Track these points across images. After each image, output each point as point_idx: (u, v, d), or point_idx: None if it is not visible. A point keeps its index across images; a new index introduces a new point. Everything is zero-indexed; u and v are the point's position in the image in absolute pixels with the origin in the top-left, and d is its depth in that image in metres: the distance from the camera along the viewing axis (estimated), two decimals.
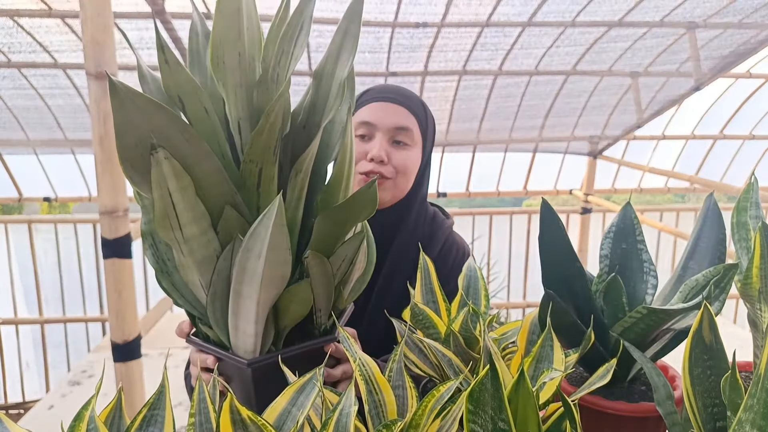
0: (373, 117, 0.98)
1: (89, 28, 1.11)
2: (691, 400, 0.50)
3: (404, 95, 1.01)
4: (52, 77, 2.42)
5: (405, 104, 0.99)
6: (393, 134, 0.98)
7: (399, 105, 0.99)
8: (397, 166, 0.98)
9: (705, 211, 0.72)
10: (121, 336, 1.27)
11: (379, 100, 0.99)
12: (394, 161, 0.97)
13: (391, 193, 0.99)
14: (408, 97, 1.01)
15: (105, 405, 0.52)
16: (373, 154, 0.96)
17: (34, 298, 3.22)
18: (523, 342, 0.68)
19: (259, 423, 0.42)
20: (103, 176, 1.19)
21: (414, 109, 1.00)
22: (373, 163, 0.96)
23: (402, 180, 0.99)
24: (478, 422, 0.43)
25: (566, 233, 0.66)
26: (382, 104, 0.99)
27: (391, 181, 0.98)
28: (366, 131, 0.99)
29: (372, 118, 0.98)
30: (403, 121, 0.98)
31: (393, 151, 0.98)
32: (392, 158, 0.97)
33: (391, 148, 0.98)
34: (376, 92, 1.01)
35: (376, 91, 1.02)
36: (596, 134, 3.01)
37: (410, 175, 1.00)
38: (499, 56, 2.35)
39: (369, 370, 0.55)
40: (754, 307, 0.57)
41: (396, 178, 0.98)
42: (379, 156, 0.95)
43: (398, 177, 0.98)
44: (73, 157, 3.12)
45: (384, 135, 0.98)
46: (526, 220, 3.42)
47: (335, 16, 2.03)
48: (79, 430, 0.46)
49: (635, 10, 2.08)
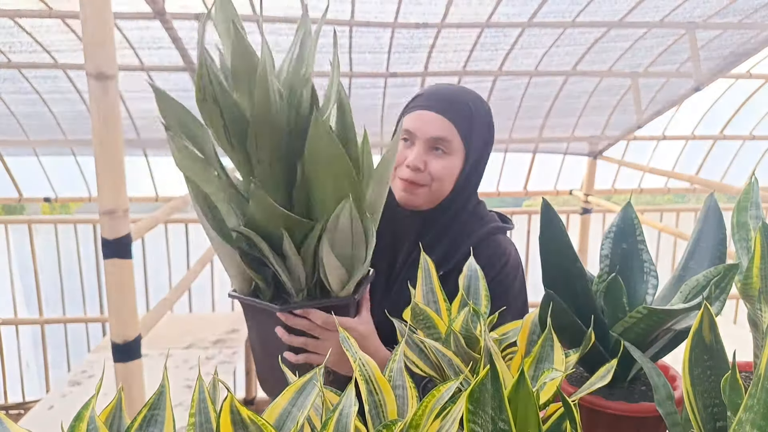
0: (413, 126, 1.05)
1: (89, 28, 1.10)
2: (691, 400, 0.50)
3: (447, 102, 1.05)
4: (53, 78, 2.42)
5: (445, 113, 1.04)
6: (431, 143, 1.04)
7: (440, 114, 1.03)
8: (433, 174, 1.04)
9: (705, 211, 0.72)
10: (122, 336, 1.27)
11: (423, 108, 1.05)
12: (430, 169, 1.03)
13: (426, 198, 1.05)
14: (451, 104, 1.05)
15: (105, 405, 0.52)
16: (409, 161, 1.03)
17: (34, 298, 3.22)
18: (524, 342, 0.68)
19: (260, 423, 0.42)
20: (104, 176, 1.19)
21: (454, 117, 1.04)
22: (410, 171, 1.03)
23: (437, 186, 1.04)
24: (478, 422, 0.43)
25: (566, 233, 0.66)
26: (423, 113, 1.04)
27: (426, 188, 1.04)
28: (408, 138, 1.06)
29: (412, 126, 1.05)
30: (440, 132, 1.03)
31: (430, 160, 1.04)
32: (429, 166, 1.04)
33: (428, 156, 1.04)
34: (422, 99, 1.07)
35: (422, 98, 1.07)
36: (596, 134, 3.01)
37: (446, 181, 1.05)
38: (499, 56, 2.35)
39: (369, 370, 0.55)
40: (754, 307, 0.57)
41: (431, 184, 1.04)
42: (414, 165, 1.02)
43: (433, 184, 1.04)
44: (73, 158, 3.12)
45: (422, 144, 1.04)
46: (526, 220, 3.42)
47: (335, 17, 2.04)
48: (79, 430, 0.46)
49: (635, 11, 2.08)
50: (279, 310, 0.81)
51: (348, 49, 2.21)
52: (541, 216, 0.66)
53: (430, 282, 0.79)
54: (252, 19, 1.98)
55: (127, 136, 2.67)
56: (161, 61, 2.27)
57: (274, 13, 1.99)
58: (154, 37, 2.12)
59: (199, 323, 2.72)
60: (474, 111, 1.08)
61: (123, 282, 1.26)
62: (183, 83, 2.41)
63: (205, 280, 3.25)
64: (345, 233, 0.81)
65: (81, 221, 3.23)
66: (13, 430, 0.45)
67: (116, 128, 1.06)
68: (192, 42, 2.02)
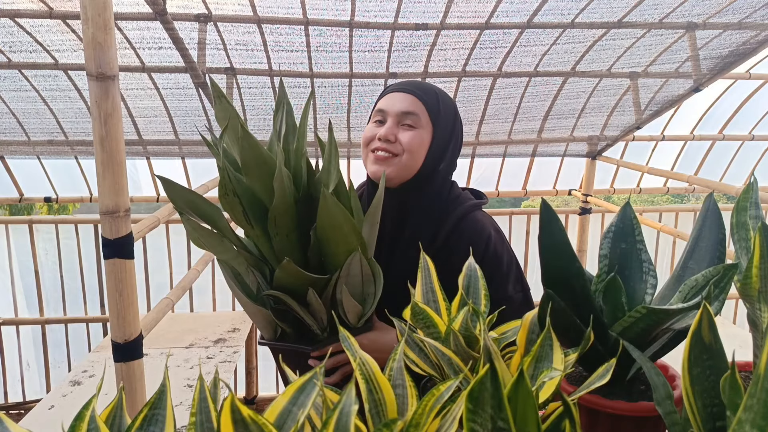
0: (385, 105, 1.15)
1: (90, 29, 1.10)
2: (691, 400, 0.50)
3: (415, 85, 1.17)
4: (53, 78, 2.42)
5: (413, 92, 1.15)
6: (401, 118, 1.14)
7: (407, 93, 1.14)
8: (403, 143, 1.12)
9: (705, 211, 0.72)
10: (122, 336, 1.27)
11: (392, 91, 1.17)
12: (400, 140, 1.13)
13: (397, 169, 1.13)
14: (419, 87, 1.16)
15: (106, 405, 0.52)
16: (380, 134, 1.13)
17: (34, 298, 3.22)
18: (523, 341, 0.68)
19: (260, 422, 0.42)
20: (104, 176, 1.19)
21: (422, 96, 1.14)
22: (381, 141, 1.13)
23: (408, 158, 1.13)
24: (478, 421, 0.43)
25: (566, 233, 0.66)
26: (394, 94, 1.16)
27: (397, 158, 1.13)
28: (381, 117, 1.16)
29: (384, 105, 1.15)
30: (410, 106, 1.13)
31: (401, 132, 1.13)
32: (399, 137, 1.13)
33: (398, 129, 1.14)
34: (393, 86, 1.19)
35: (393, 85, 1.20)
36: (595, 135, 3.01)
37: (416, 153, 1.13)
38: (499, 55, 2.35)
39: (369, 369, 0.55)
40: (754, 307, 0.58)
41: (402, 155, 1.13)
42: (385, 135, 1.12)
43: (404, 154, 1.12)
44: (74, 158, 3.13)
45: (393, 119, 1.14)
46: (525, 220, 3.42)
47: (336, 17, 2.04)
48: (80, 429, 0.46)
49: (635, 11, 2.08)
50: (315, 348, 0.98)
51: (348, 48, 2.21)
52: (540, 216, 0.66)
53: (429, 281, 0.79)
54: (252, 19, 1.98)
55: (128, 136, 2.67)
56: (162, 61, 2.28)
57: (275, 13, 1.99)
58: (154, 37, 2.12)
59: (200, 323, 2.73)
60: (440, 95, 1.18)
61: (124, 282, 1.26)
62: (183, 83, 2.41)
63: (206, 280, 3.25)
64: (356, 277, 0.98)
65: (82, 221, 3.23)
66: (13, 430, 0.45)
67: (117, 128, 1.06)
68: (192, 42, 2.02)
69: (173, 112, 2.59)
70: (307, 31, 2.08)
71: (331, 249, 0.94)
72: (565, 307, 0.64)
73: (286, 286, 0.94)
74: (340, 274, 0.96)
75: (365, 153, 1.18)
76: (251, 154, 0.88)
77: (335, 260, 0.96)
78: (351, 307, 0.99)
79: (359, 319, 1.02)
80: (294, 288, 0.94)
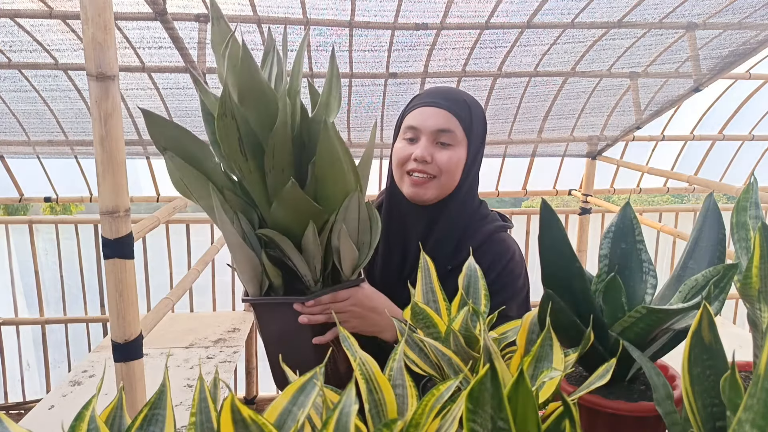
0: (417, 121, 1.08)
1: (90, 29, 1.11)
2: (691, 400, 0.50)
3: (447, 98, 1.09)
4: (53, 78, 2.42)
5: (447, 107, 1.08)
6: (436, 136, 1.07)
7: (441, 108, 1.07)
8: (441, 165, 1.07)
9: (705, 211, 0.72)
10: (122, 336, 1.27)
11: (424, 105, 1.09)
12: (437, 160, 1.07)
13: (436, 191, 1.09)
14: (451, 100, 1.09)
15: (106, 405, 0.52)
16: (416, 154, 1.07)
17: (34, 298, 3.21)
18: (523, 341, 0.68)
19: (260, 422, 0.42)
20: (104, 176, 1.19)
21: (456, 111, 1.08)
22: (417, 163, 1.07)
23: (446, 178, 1.08)
24: (478, 421, 0.43)
25: (566, 233, 0.66)
26: (426, 109, 1.08)
27: (435, 180, 1.08)
28: (413, 134, 1.09)
29: (416, 122, 1.08)
30: (445, 123, 1.07)
31: (436, 152, 1.07)
32: (436, 158, 1.07)
33: (434, 148, 1.07)
34: (423, 97, 1.12)
35: (422, 96, 1.12)
36: (595, 135, 3.01)
37: (454, 173, 1.09)
38: (499, 55, 2.35)
39: (369, 369, 0.55)
40: (754, 307, 0.58)
41: (440, 176, 1.08)
42: (422, 156, 1.06)
43: (442, 175, 1.08)
44: (74, 158, 3.13)
45: (428, 137, 1.07)
46: (525, 220, 3.42)
47: (336, 17, 2.04)
48: (80, 429, 0.46)
49: (635, 11, 2.08)
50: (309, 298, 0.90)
51: (348, 48, 2.21)
52: (540, 216, 0.66)
53: (429, 281, 0.79)
54: (252, 20, 1.98)
55: (128, 136, 2.67)
56: (162, 61, 2.28)
57: (275, 14, 1.99)
58: (154, 37, 2.12)
59: (200, 323, 2.73)
60: (471, 105, 1.12)
61: (124, 282, 1.26)
62: (183, 83, 2.41)
63: (206, 280, 3.25)
64: (353, 222, 0.91)
65: (82, 221, 3.23)
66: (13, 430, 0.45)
67: (117, 128, 1.06)
68: (192, 42, 2.02)
69: (173, 112, 2.59)
70: (307, 31, 2.08)
71: (329, 188, 0.87)
72: (565, 307, 0.64)
73: (283, 223, 0.86)
74: (336, 217, 0.89)
75: (399, 173, 1.11)
76: (250, 80, 0.80)
77: (332, 202, 0.89)
78: (348, 253, 0.91)
79: (353, 270, 0.95)
80: (291, 226, 0.86)
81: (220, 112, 0.79)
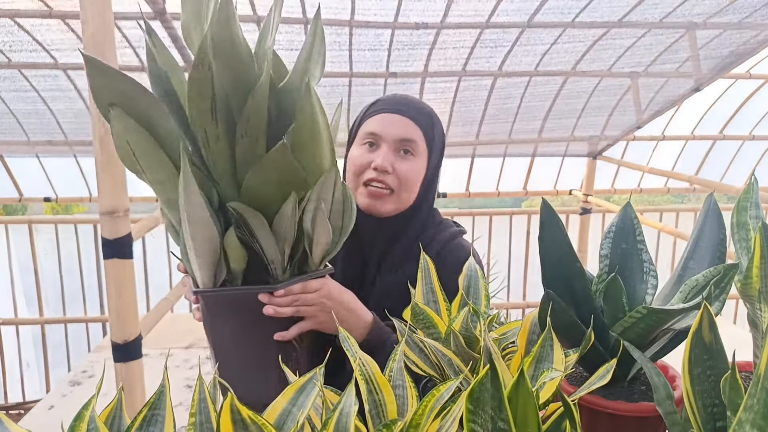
0: (379, 128, 1.01)
1: (89, 28, 1.11)
2: (691, 400, 0.50)
3: (411, 107, 1.04)
4: (53, 78, 2.42)
5: (411, 116, 1.02)
6: (398, 145, 1.01)
7: (405, 117, 1.01)
8: (401, 176, 1.00)
9: (705, 211, 0.72)
10: (122, 336, 1.27)
11: (386, 112, 1.02)
12: (398, 171, 1.00)
13: (394, 205, 1.02)
14: (415, 109, 1.03)
15: (105, 405, 0.52)
16: (376, 163, 0.99)
17: (34, 298, 3.22)
18: (523, 342, 0.68)
19: (260, 423, 0.42)
20: (104, 176, 1.19)
21: (420, 121, 1.02)
22: (377, 172, 0.99)
23: (405, 191, 1.01)
24: (478, 422, 0.43)
25: (566, 233, 0.66)
26: (389, 116, 1.02)
27: (394, 195, 1.01)
28: (373, 140, 1.02)
29: (378, 129, 1.01)
30: (408, 132, 1.01)
31: (397, 162, 1.00)
32: (396, 168, 1.00)
33: (395, 158, 1.01)
34: (385, 103, 1.04)
35: (384, 102, 1.05)
36: (596, 135, 3.01)
37: (413, 185, 1.02)
38: (499, 54, 2.35)
39: (369, 370, 0.55)
40: (754, 307, 0.58)
41: (399, 188, 1.01)
42: (382, 166, 0.98)
43: (401, 188, 1.01)
44: (73, 158, 3.13)
45: (389, 146, 1.00)
46: (525, 220, 3.42)
47: (335, 16, 2.04)
48: (80, 430, 0.46)
49: (635, 10, 2.08)
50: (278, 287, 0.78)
51: (348, 47, 2.21)
52: (540, 216, 0.66)
53: (429, 282, 0.79)
54: (252, 19, 1.98)
55: None
56: None
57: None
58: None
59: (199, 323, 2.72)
60: (433, 117, 1.07)
61: (123, 282, 1.27)
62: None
63: None
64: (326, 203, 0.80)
65: (81, 221, 3.23)
66: (13, 430, 0.45)
67: None
68: None
69: None
70: (307, 31, 2.08)
71: (306, 161, 0.76)
72: (565, 307, 0.64)
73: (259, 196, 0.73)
74: (311, 195, 0.78)
75: (355, 182, 1.03)
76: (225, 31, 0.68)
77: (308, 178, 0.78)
78: (323, 237, 0.79)
79: (322, 258, 0.84)
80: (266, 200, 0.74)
81: (197, 61, 0.66)
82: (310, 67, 0.78)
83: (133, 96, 0.69)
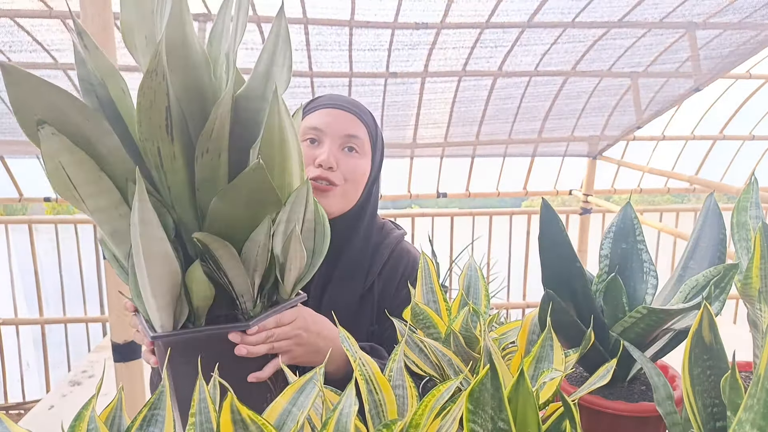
0: (322, 123, 0.97)
1: (89, 28, 1.11)
2: (691, 400, 0.50)
3: (355, 105, 1.01)
4: (53, 78, 2.42)
5: (356, 113, 0.99)
6: (343, 141, 0.97)
7: (349, 113, 0.98)
8: (346, 173, 0.96)
9: (705, 211, 0.72)
10: (122, 336, 1.27)
11: (329, 107, 0.98)
12: (343, 168, 0.96)
13: (340, 202, 0.97)
14: (359, 108, 1.01)
15: (105, 405, 0.52)
16: (321, 159, 0.94)
17: (34, 298, 3.22)
18: (523, 342, 0.68)
19: (260, 422, 0.42)
20: None
21: (365, 119, 1.00)
22: (321, 169, 0.94)
23: (351, 188, 0.98)
24: (478, 422, 0.43)
25: (566, 233, 0.66)
26: (332, 111, 0.98)
27: (339, 189, 0.96)
28: (315, 136, 0.97)
29: (321, 124, 0.97)
30: (354, 129, 0.98)
31: (342, 158, 0.96)
32: (341, 165, 0.96)
33: (340, 154, 0.97)
34: (327, 100, 1.01)
35: (327, 98, 1.01)
36: (596, 135, 3.01)
37: (359, 183, 0.99)
38: (499, 54, 2.35)
39: (369, 370, 0.55)
40: (754, 307, 0.58)
41: (345, 185, 0.97)
42: (327, 162, 0.94)
43: (347, 185, 0.97)
44: None
45: (333, 142, 0.96)
46: (525, 220, 3.42)
47: (335, 16, 2.04)
48: (80, 430, 0.46)
49: (635, 10, 2.08)
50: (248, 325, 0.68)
51: (348, 47, 2.21)
52: (540, 216, 0.66)
53: (429, 281, 0.79)
54: (252, 19, 1.98)
55: None
56: None
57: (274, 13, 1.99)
58: None
59: None
60: (374, 118, 1.05)
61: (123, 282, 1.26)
62: None
63: None
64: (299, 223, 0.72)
65: (81, 221, 3.23)
66: (13, 430, 0.45)
67: None
68: None
69: None
70: (307, 30, 2.08)
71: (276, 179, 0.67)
72: (565, 307, 0.64)
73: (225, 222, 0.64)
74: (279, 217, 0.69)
75: None
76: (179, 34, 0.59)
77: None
78: (297, 261, 0.70)
79: (295, 285, 0.75)
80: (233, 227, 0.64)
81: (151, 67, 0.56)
82: (274, 71, 0.70)
83: (65, 110, 0.58)
